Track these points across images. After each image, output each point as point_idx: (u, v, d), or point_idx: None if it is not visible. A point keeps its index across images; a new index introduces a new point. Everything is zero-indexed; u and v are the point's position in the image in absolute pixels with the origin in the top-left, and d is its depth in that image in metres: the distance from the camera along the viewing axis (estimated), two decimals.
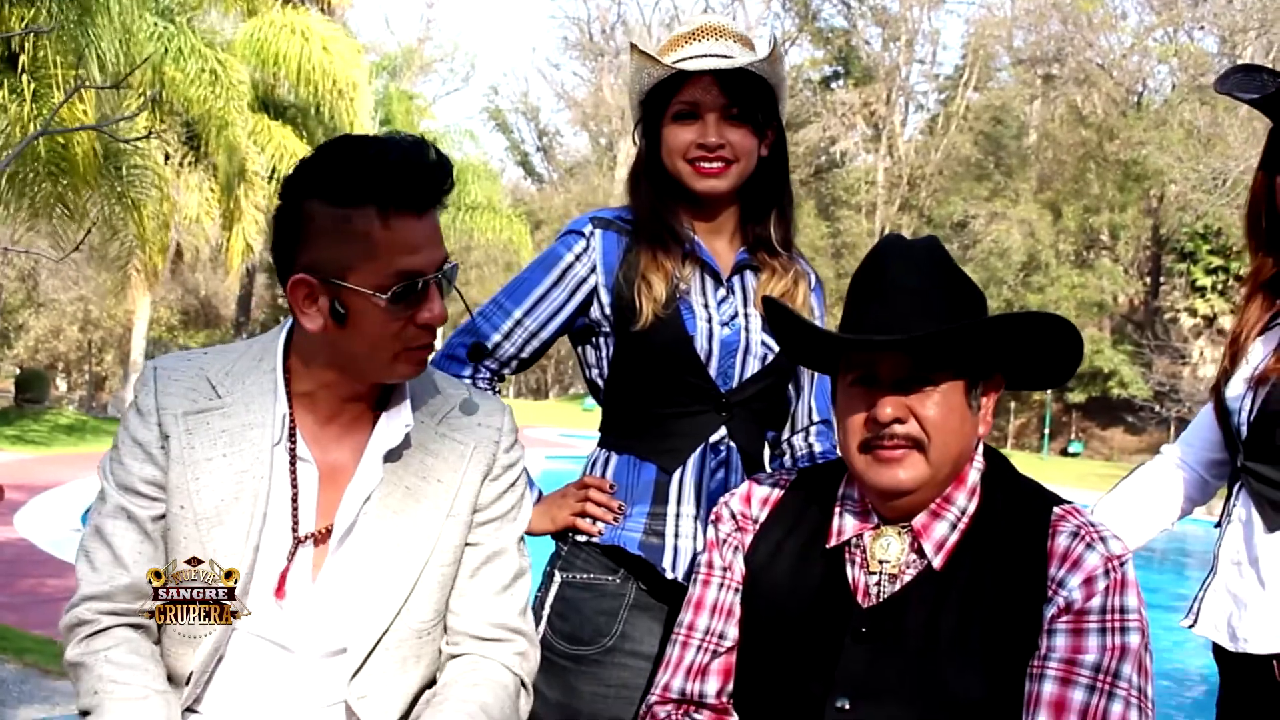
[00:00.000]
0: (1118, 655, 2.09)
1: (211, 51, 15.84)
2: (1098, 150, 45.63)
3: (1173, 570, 17.38)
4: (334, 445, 2.30)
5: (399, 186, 2.11)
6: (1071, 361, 2.29)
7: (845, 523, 2.31)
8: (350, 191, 2.11)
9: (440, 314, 2.16)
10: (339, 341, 2.18)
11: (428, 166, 2.15)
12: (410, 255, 2.13)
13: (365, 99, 27.09)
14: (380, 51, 49.94)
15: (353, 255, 2.12)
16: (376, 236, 2.11)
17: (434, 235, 2.17)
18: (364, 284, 2.12)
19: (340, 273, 2.13)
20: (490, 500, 2.37)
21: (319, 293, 2.16)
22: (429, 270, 2.15)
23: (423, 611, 2.29)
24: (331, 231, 2.13)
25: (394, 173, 2.11)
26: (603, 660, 2.78)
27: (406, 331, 2.16)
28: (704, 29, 2.86)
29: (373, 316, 2.14)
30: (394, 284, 2.12)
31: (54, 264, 32.45)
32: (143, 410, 2.26)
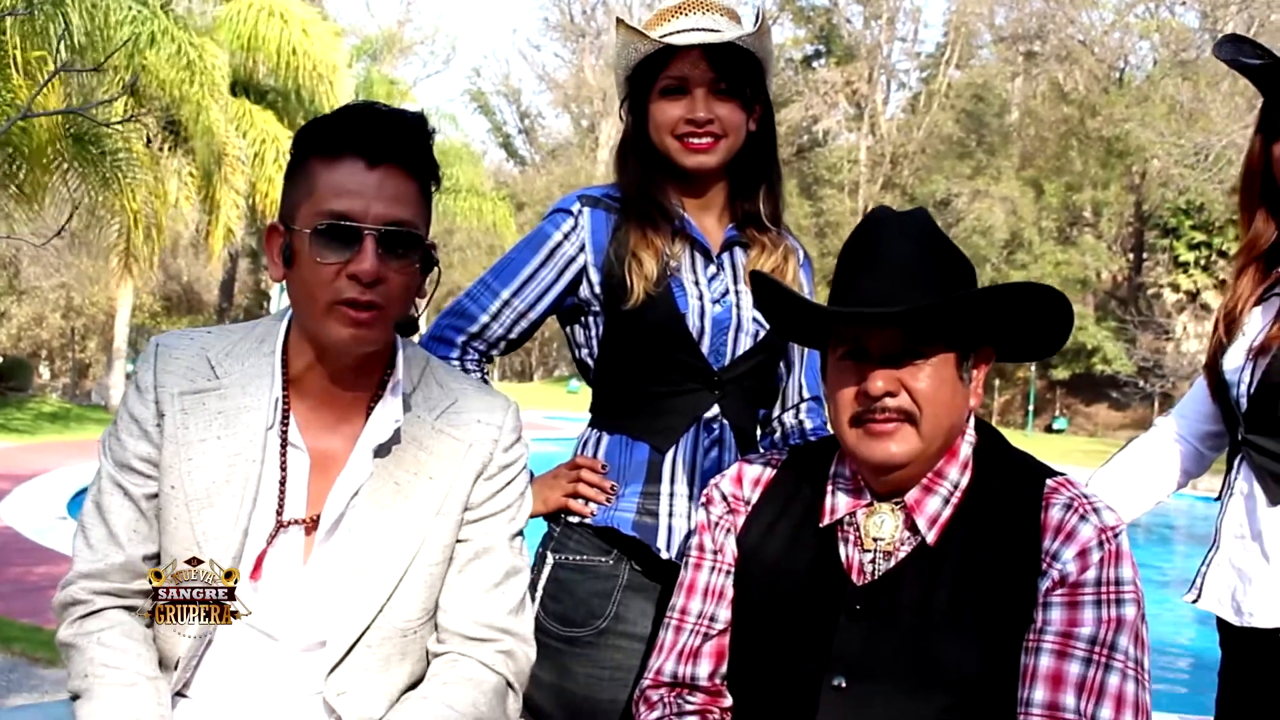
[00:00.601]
0: (1113, 627, 2.08)
1: (186, 35, 15.71)
2: (1080, 127, 45.73)
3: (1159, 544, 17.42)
4: (327, 434, 2.27)
5: (347, 130, 2.14)
6: (1062, 332, 2.27)
7: (838, 501, 2.29)
8: (310, 137, 2.17)
9: (368, 269, 2.09)
10: (291, 291, 2.19)
11: (381, 116, 2.17)
12: (340, 198, 2.11)
13: (345, 82, 26.96)
14: (361, 35, 49.75)
15: (300, 195, 2.16)
16: (318, 177, 2.14)
17: (381, 189, 2.13)
18: (303, 224, 2.13)
19: (291, 214, 2.17)
20: (483, 499, 2.33)
21: (280, 237, 2.19)
22: (362, 220, 2.10)
23: (408, 610, 2.25)
24: (292, 177, 2.19)
25: (345, 118, 2.16)
26: (596, 642, 2.75)
27: (337, 283, 2.11)
28: (690, 2, 2.82)
29: (304, 258, 2.13)
30: (320, 223, 2.10)
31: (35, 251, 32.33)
32: (141, 387, 2.25)
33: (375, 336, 2.18)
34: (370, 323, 2.14)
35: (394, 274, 2.14)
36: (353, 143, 2.13)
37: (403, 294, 2.18)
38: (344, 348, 2.18)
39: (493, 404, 2.40)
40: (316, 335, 2.19)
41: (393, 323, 2.20)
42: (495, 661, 2.29)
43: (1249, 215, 2.82)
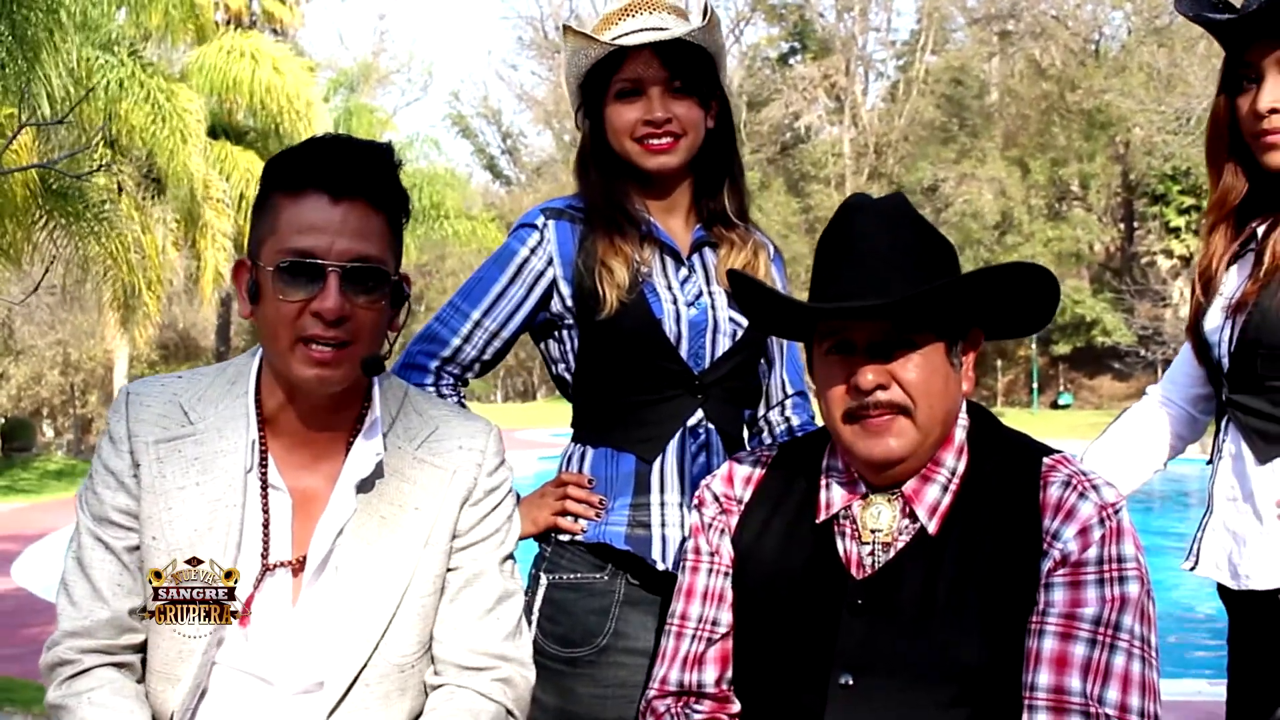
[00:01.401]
0: (1117, 606, 2.03)
1: (154, 81, 15.69)
2: (1060, 102, 45.73)
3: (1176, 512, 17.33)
4: (307, 473, 2.23)
5: (310, 165, 2.10)
6: (1049, 306, 2.23)
7: (833, 495, 2.25)
8: (275, 172, 2.14)
9: (331, 307, 2.05)
10: (258, 329, 2.16)
11: (345, 149, 2.13)
12: (303, 234, 2.07)
13: (322, 117, 26.94)
14: (336, 68, 49.77)
15: (265, 231, 2.12)
16: (281, 213, 2.10)
17: (345, 224, 2.09)
18: (267, 260, 2.09)
19: (256, 250, 2.13)
20: (470, 525, 2.29)
21: (246, 273, 2.16)
22: (325, 256, 2.06)
23: (404, 644, 2.21)
24: (258, 212, 2.16)
25: (308, 153, 2.13)
26: (598, 660, 2.71)
27: (301, 321, 2.07)
28: (636, 3, 2.79)
29: (270, 295, 2.10)
30: (283, 260, 2.07)
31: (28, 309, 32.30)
32: (114, 438, 2.21)
33: (341, 375, 2.14)
34: (335, 361, 2.10)
35: (360, 310, 2.10)
36: (316, 177, 2.09)
37: (371, 330, 2.14)
38: (310, 387, 2.14)
39: (473, 429, 2.35)
40: (283, 373, 2.15)
41: (359, 359, 2.14)
42: (493, 690, 2.25)
43: (1217, 172, 2.79)
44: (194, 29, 22.87)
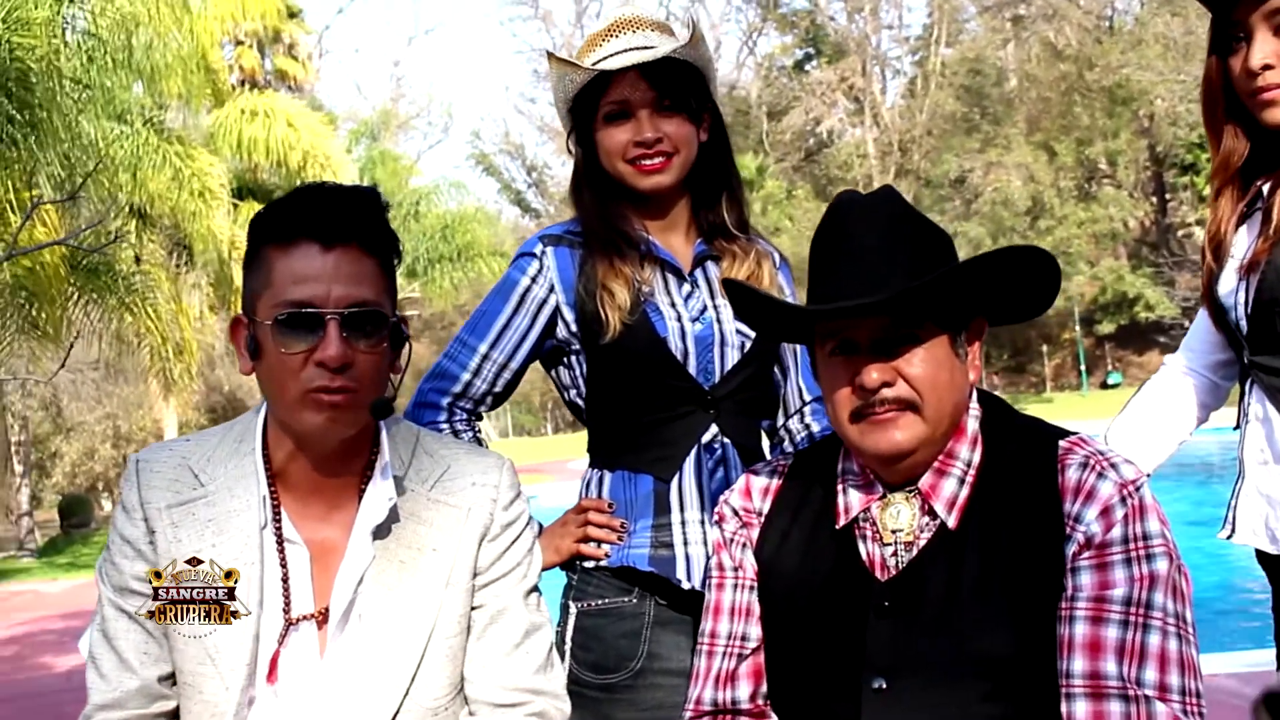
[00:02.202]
0: (1147, 584, 1.98)
1: (172, 147, 15.83)
2: (1079, 82, 45.51)
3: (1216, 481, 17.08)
4: (321, 524, 2.21)
5: (298, 215, 2.09)
6: (1050, 288, 2.19)
7: (850, 499, 2.22)
8: (263, 225, 2.13)
9: (334, 355, 2.03)
10: (261, 384, 2.14)
11: (331, 196, 2.12)
12: (299, 285, 2.05)
13: (347, 168, 27.12)
14: (356, 118, 50.10)
15: (259, 285, 2.11)
16: (274, 266, 2.09)
17: (338, 271, 2.07)
18: (264, 315, 2.08)
19: (252, 305, 2.12)
20: (490, 561, 2.27)
21: (244, 329, 2.14)
22: (323, 305, 2.05)
23: (435, 687, 2.20)
24: (250, 267, 2.14)
25: (295, 203, 2.11)
26: (634, 685, 2.69)
27: (306, 372, 2.06)
28: (619, 23, 2.78)
29: (270, 349, 2.08)
30: (280, 313, 2.05)
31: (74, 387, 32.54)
32: (128, 506, 2.20)
33: (350, 420, 2.12)
34: (344, 406, 2.08)
35: (362, 355, 2.08)
36: (305, 227, 2.07)
37: (374, 374, 2.13)
38: (320, 436, 2.12)
39: (486, 464, 2.33)
40: (291, 425, 2.14)
41: (367, 404, 2.13)
42: None
43: (1216, 135, 2.76)
44: (211, 93, 23.06)
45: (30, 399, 32.10)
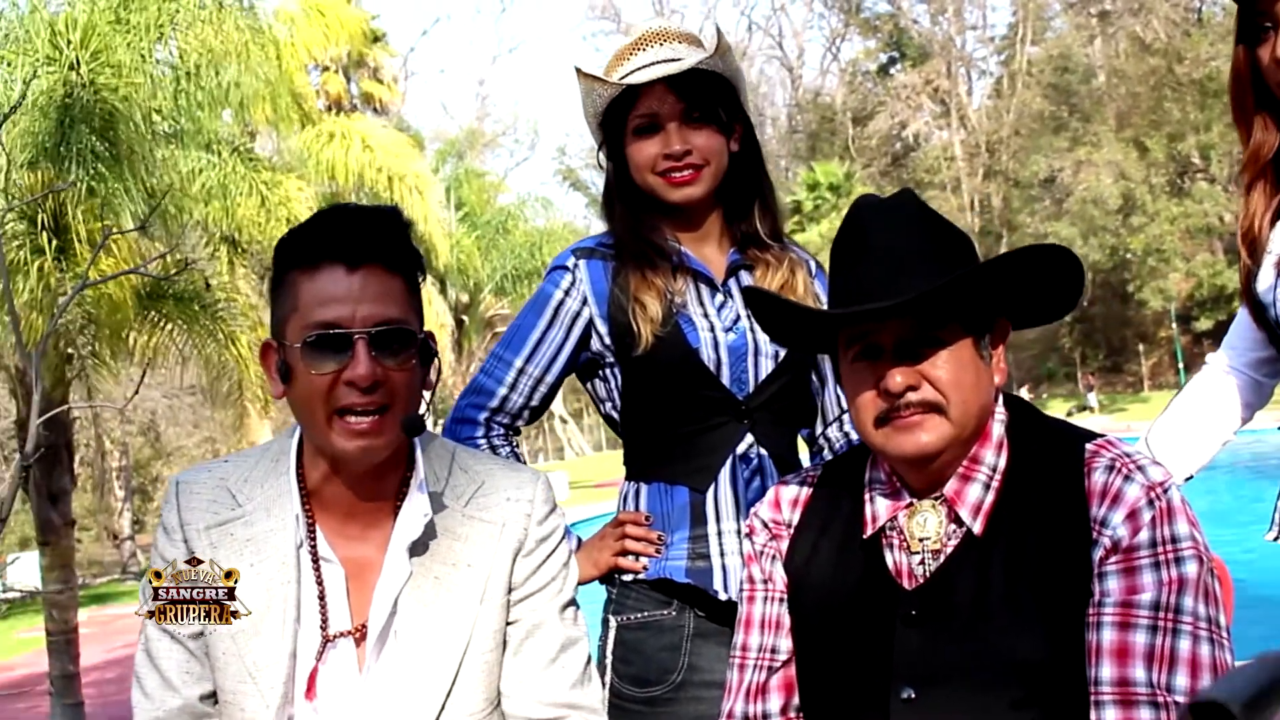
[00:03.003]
0: (1175, 589, 1.94)
1: (256, 174, 16.02)
2: (1169, 76, 44.84)
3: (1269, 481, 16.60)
4: (358, 543, 2.23)
5: (321, 238, 2.11)
6: (1073, 287, 2.17)
7: (878, 508, 2.20)
8: (288, 250, 2.14)
9: (362, 374, 2.04)
10: (293, 408, 2.16)
11: (353, 218, 2.14)
12: (324, 306, 2.07)
13: (432, 188, 27.31)
14: (443, 138, 50.51)
15: (287, 310, 2.12)
16: (301, 288, 2.10)
17: (365, 291, 2.09)
18: (293, 338, 2.09)
19: (280, 330, 2.13)
20: (525, 576, 2.27)
21: (274, 354, 2.16)
22: (350, 324, 2.06)
23: (471, 702, 2.20)
24: (277, 292, 2.16)
25: (318, 226, 2.13)
26: (676, 697, 2.68)
27: (336, 392, 2.07)
28: (646, 36, 2.79)
29: (300, 372, 2.09)
30: (309, 335, 2.07)
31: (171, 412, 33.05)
32: (168, 528, 2.23)
33: (385, 443, 2.13)
34: (375, 429, 2.09)
35: (392, 373, 2.09)
36: (329, 250, 2.09)
37: (406, 392, 2.13)
38: (354, 459, 2.13)
39: (520, 480, 2.33)
40: (325, 448, 2.15)
41: (399, 422, 2.14)
42: None
43: (1246, 127, 2.69)
44: (298, 119, 23.33)
45: (130, 425, 32.67)
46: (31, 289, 10.09)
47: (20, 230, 10.46)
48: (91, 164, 9.96)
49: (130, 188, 10.02)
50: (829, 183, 49.17)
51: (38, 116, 10.06)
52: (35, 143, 10.01)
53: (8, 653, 17.82)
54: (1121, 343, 52.07)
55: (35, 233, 10.43)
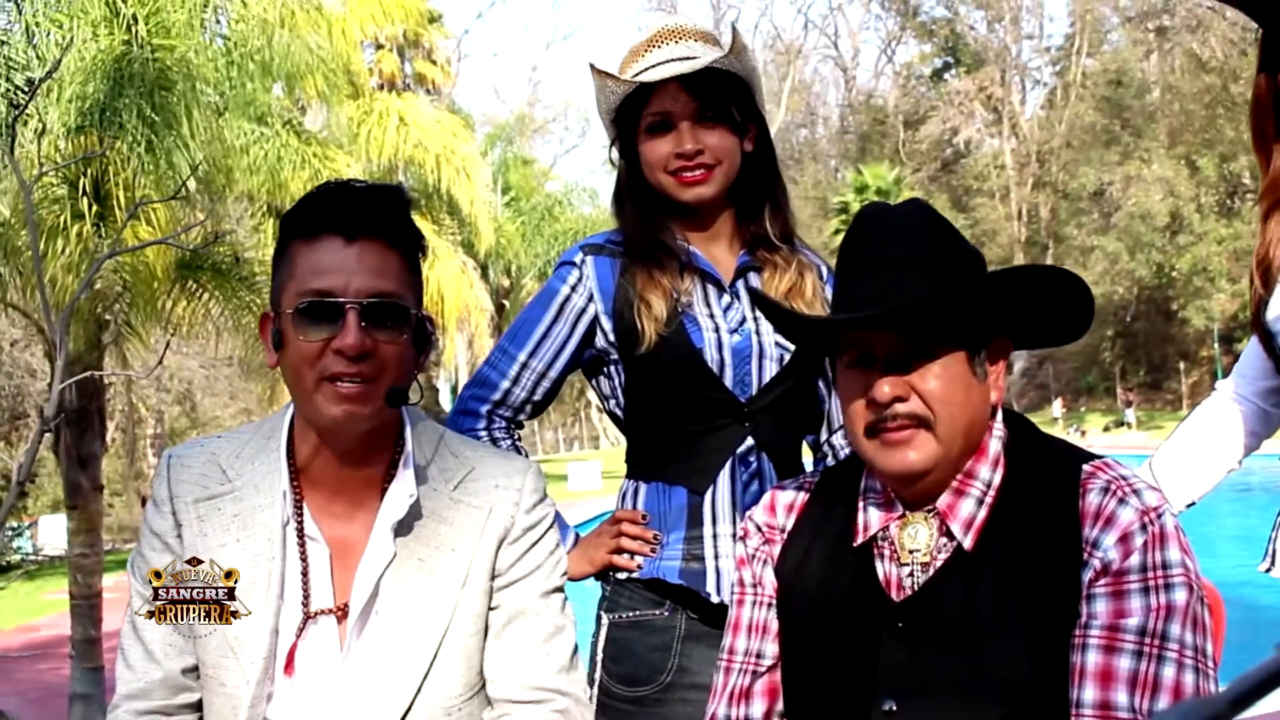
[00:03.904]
0: (1163, 615, 1.92)
1: (308, 148, 16.07)
2: (1224, 94, 44.50)
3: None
4: (343, 521, 2.24)
5: (322, 209, 2.13)
6: (1083, 313, 2.14)
7: (870, 517, 2.18)
8: (290, 222, 2.17)
9: (352, 343, 2.06)
10: (284, 376, 2.17)
11: (355, 192, 2.15)
12: (320, 275, 2.09)
13: (480, 170, 27.36)
14: (493, 122, 50.57)
15: (284, 279, 2.15)
16: (298, 258, 2.13)
17: (360, 263, 2.11)
18: (287, 306, 2.11)
19: (277, 298, 2.16)
20: (509, 564, 2.27)
21: (270, 323, 2.18)
22: (343, 294, 2.08)
23: (449, 686, 2.20)
24: (277, 263, 2.18)
25: (320, 198, 2.15)
26: (664, 698, 2.68)
27: (324, 360, 2.09)
28: (661, 34, 2.77)
29: (291, 338, 2.11)
30: (301, 302, 2.09)
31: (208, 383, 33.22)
32: (157, 500, 2.26)
33: (368, 412, 2.13)
34: (360, 397, 2.10)
35: (382, 345, 2.11)
36: (329, 221, 2.12)
37: (394, 365, 2.14)
38: (337, 426, 2.14)
39: (510, 468, 2.34)
40: (311, 418, 2.17)
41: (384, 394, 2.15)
42: None
43: (1265, 155, 2.67)
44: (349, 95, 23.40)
45: (165, 393, 32.86)
46: (70, 252, 10.14)
47: (61, 195, 10.51)
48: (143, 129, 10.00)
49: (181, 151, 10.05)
50: (877, 186, 49.01)
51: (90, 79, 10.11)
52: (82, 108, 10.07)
53: (34, 613, 17.96)
54: (1163, 360, 51.74)
55: (76, 197, 10.49)
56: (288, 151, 15.96)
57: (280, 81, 14.19)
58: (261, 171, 15.16)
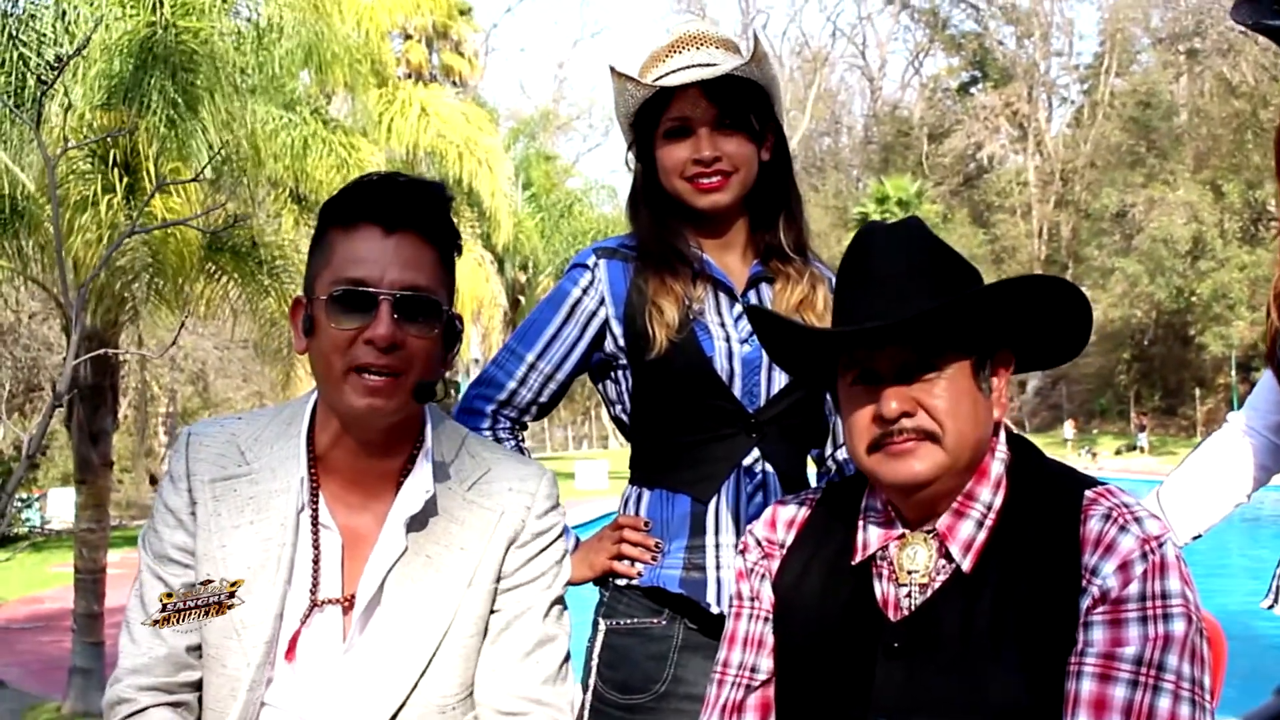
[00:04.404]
0: (1160, 645, 1.91)
1: (333, 136, 16.09)
2: (1252, 120, 44.32)
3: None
4: (358, 512, 2.24)
5: (363, 200, 2.13)
6: (1082, 328, 2.14)
7: (869, 536, 2.17)
8: (330, 210, 2.17)
9: (384, 334, 2.06)
10: (311, 363, 2.18)
11: (397, 185, 2.16)
12: (356, 264, 2.09)
13: (502, 164, 27.35)
14: (517, 117, 50.60)
15: (320, 266, 2.15)
16: (336, 246, 2.13)
17: (397, 255, 2.11)
18: (321, 292, 2.12)
19: (311, 285, 2.16)
20: (515, 567, 2.27)
21: (302, 309, 2.19)
22: (378, 285, 2.08)
23: (445, 685, 2.20)
24: (314, 250, 2.18)
25: (362, 189, 2.16)
26: (658, 708, 2.67)
27: (354, 349, 2.09)
28: (684, 39, 2.76)
29: (323, 325, 2.11)
30: (336, 290, 2.09)
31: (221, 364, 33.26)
32: (174, 476, 2.25)
33: (394, 406, 2.13)
34: (388, 390, 2.10)
35: (412, 339, 2.11)
36: (369, 211, 2.12)
37: (424, 361, 2.14)
38: (362, 417, 2.14)
39: (526, 472, 2.34)
40: (336, 406, 2.16)
41: (411, 388, 2.15)
42: None
43: None
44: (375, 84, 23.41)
45: (179, 373, 32.91)
46: (99, 224, 10.17)
47: (87, 169, 10.54)
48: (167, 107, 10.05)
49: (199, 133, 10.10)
50: (898, 197, 48.92)
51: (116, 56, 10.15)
52: (109, 85, 10.11)
53: (39, 585, 18.02)
54: (1179, 385, 51.56)
55: (106, 171, 10.52)
56: (314, 140, 16.00)
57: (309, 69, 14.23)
58: (287, 156, 15.19)
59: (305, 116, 16.06)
